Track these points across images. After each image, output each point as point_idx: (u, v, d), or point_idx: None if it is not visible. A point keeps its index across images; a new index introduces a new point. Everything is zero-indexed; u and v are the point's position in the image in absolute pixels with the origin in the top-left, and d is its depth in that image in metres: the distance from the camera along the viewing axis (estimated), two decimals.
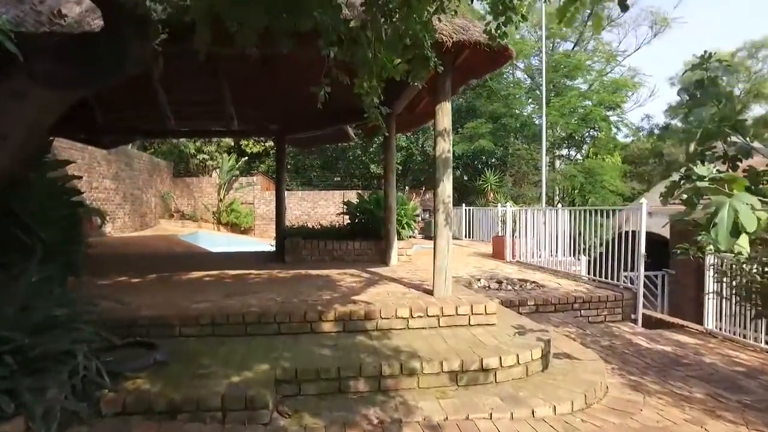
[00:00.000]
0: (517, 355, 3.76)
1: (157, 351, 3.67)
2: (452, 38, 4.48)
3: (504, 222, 11.79)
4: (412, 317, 4.44)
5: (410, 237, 8.78)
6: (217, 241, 16.69)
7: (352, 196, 21.07)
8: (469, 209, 16.20)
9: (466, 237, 16.32)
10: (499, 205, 14.44)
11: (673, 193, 4.40)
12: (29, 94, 2.71)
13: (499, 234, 12.41)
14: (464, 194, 21.05)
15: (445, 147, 4.90)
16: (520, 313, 6.24)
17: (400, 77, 3.14)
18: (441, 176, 4.89)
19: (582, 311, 7.10)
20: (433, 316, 4.48)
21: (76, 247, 3.48)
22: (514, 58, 5.74)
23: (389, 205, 7.67)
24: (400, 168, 22.41)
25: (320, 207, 20.88)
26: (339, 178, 24.04)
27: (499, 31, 3.07)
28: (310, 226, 9.43)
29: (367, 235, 8.22)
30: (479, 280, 8.31)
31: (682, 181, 4.46)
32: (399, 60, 3.08)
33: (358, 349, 3.86)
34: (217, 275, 6.45)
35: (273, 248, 9.84)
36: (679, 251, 4.16)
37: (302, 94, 8.74)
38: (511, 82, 23.59)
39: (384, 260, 7.71)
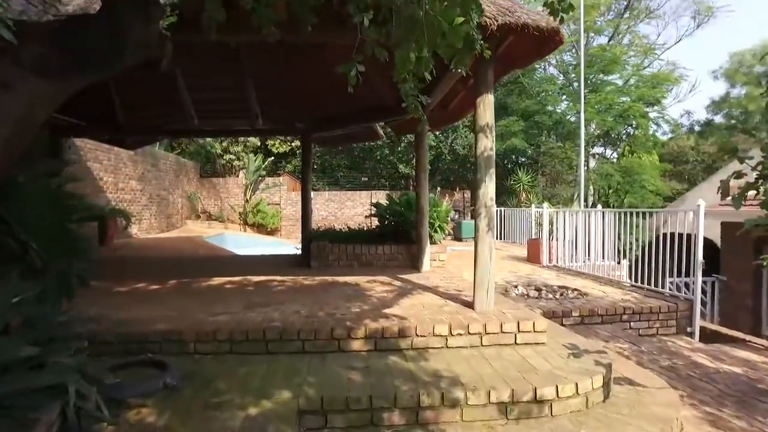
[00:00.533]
0: (576, 384, 3.24)
1: (168, 372, 3.29)
2: (497, 21, 3.98)
3: (540, 224, 11.18)
4: (452, 335, 3.96)
5: (442, 241, 8.29)
6: (242, 242, 16.48)
7: (379, 196, 20.72)
8: (501, 210, 15.57)
9: (498, 239, 15.70)
10: (533, 206, 13.80)
11: (746, 194, 3.81)
12: (16, 84, 2.35)
13: (535, 237, 11.79)
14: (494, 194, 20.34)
15: (487, 144, 4.40)
16: (564, 325, 5.70)
17: (449, 58, 2.65)
18: (483, 177, 4.39)
19: (631, 323, 6.50)
20: (475, 333, 3.99)
21: (79, 259, 3.10)
22: (564, 43, 5.19)
23: (421, 207, 7.20)
24: (429, 168, 21.90)
25: (347, 208, 20.53)
26: (366, 179, 23.64)
27: (562, 3, 2.56)
28: (337, 229, 9.02)
29: (397, 239, 7.77)
30: (516, 286, 7.75)
31: (760, 182, 3.86)
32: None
33: (392, 373, 3.40)
34: (239, 282, 6.09)
35: (298, 251, 9.48)
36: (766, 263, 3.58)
37: (329, 90, 8.33)
38: (544, 78, 22.77)
39: (416, 266, 7.24)
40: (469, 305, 4.61)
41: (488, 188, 4.41)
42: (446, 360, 3.69)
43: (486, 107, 4.43)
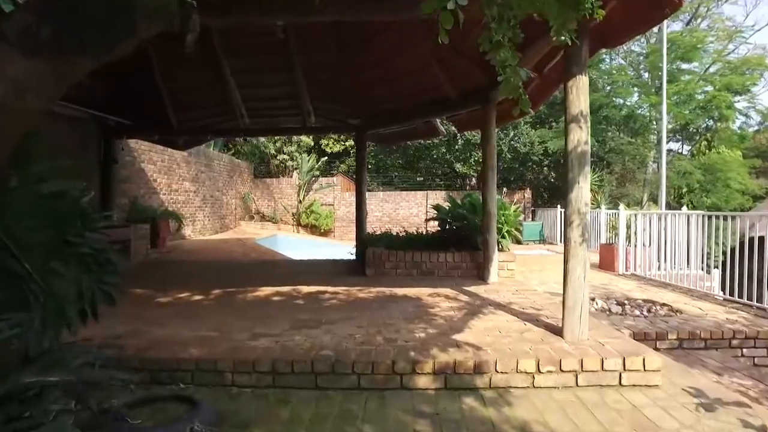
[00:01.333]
0: None
1: (198, 411, 2.73)
2: None
3: (614, 228, 10.09)
4: (540, 372, 3.20)
5: (509, 248, 7.46)
6: (294, 244, 16.16)
7: (435, 197, 20.01)
8: (561, 212, 14.46)
9: (562, 242, 14.56)
10: (602, 207, 12.64)
11: None
12: None
13: (608, 241, 10.68)
14: (554, 195, 19.11)
15: (581, 137, 3.60)
16: (658, 349, 4.76)
17: (554, 19, 1.91)
18: (576, 177, 3.59)
19: (743, 350, 5.45)
20: (569, 371, 3.21)
21: (99, 275, 2.59)
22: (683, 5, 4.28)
23: (489, 210, 6.43)
24: None
25: (402, 208, 19.87)
26: (421, 178, 22.90)
27: None
28: (394, 232, 8.37)
29: (460, 245, 7.03)
30: (593, 299, 6.81)
31: None
32: None
33: (469, 425, 2.69)
34: (287, 293, 5.55)
35: (352, 256, 8.91)
36: None
37: (385, 83, 7.70)
38: (613, 69, 21.19)
39: (482, 276, 6.48)
40: (556, 331, 3.82)
41: (582, 191, 3.60)
42: (535, 406, 2.94)
43: (579, 92, 3.63)
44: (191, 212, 13.17)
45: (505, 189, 19.33)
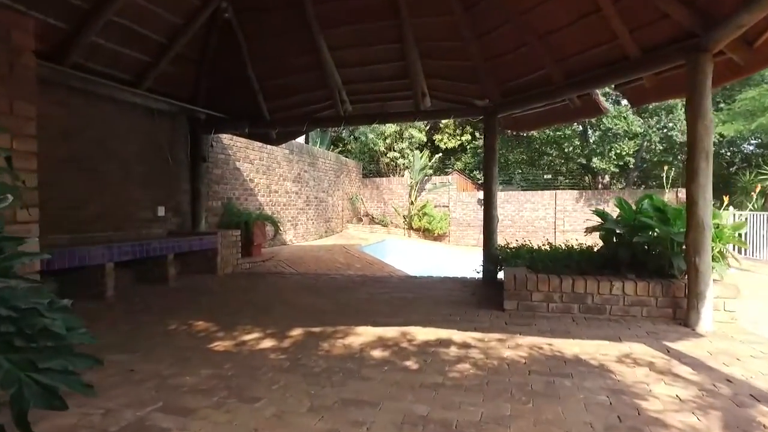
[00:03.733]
0: None
1: None
2: None
3: None
4: None
5: (725, 275, 5.01)
6: (405, 251, 14.55)
7: (566, 197, 17.22)
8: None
9: (741, 253, 11.22)
10: None
11: None
12: None
13: None
14: (735, 193, 15.29)
15: None
16: None
17: None
18: None
19: None
20: None
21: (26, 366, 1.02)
22: None
23: (699, 220, 4.18)
24: (628, 161, 17.53)
25: (526, 210, 17.36)
26: (549, 176, 20.12)
27: None
28: (535, 245, 6.30)
29: (640, 270, 4.81)
30: None
31: None
32: None
33: None
34: (392, 341, 3.78)
35: (478, 273, 6.98)
36: None
37: (528, 47, 5.62)
38: None
39: (685, 318, 4.25)
40: None
41: None
42: None
43: None
44: (293, 215, 12.04)
45: (676, 190, 15.78)
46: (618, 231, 5.10)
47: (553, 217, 17.07)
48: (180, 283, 6.61)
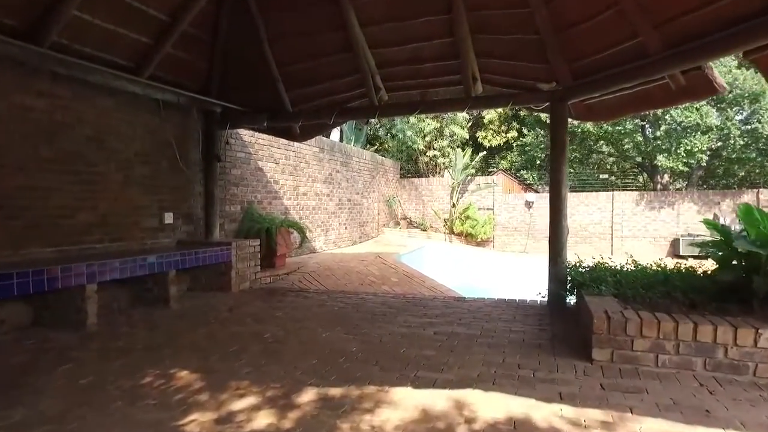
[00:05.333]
0: None
1: None
2: None
3: None
4: None
5: None
6: (446, 259, 13.26)
7: (625, 199, 15.44)
8: None
9: None
10: None
11: None
12: None
13: None
14: None
15: None
16: None
17: None
18: None
19: None
20: None
21: None
22: None
23: None
24: (704, 158, 15.58)
25: (579, 213, 15.71)
26: (607, 176, 18.35)
27: None
28: (624, 267, 4.97)
29: None
30: None
31: None
32: None
33: None
34: (443, 422, 2.57)
35: (542, 296, 5.69)
36: None
37: (611, 9, 4.35)
38: None
39: None
40: None
41: None
42: None
43: None
44: (323, 220, 10.95)
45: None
46: (753, 250, 3.72)
47: (610, 222, 15.40)
48: (183, 305, 5.59)
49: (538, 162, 19.76)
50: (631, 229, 15.25)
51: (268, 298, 6.09)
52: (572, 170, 18.71)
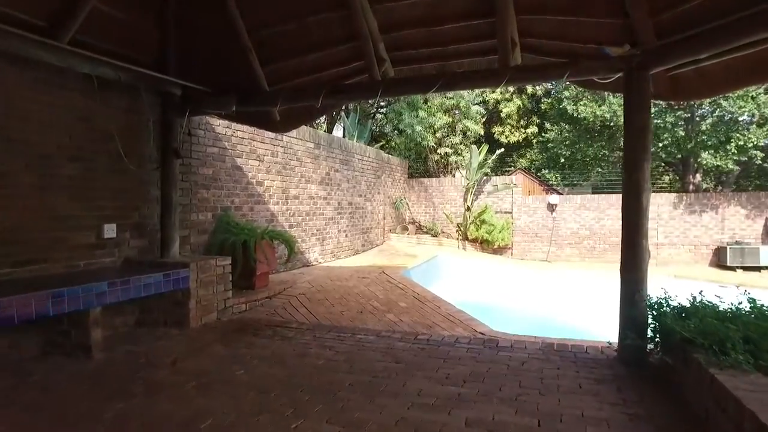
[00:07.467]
0: None
1: None
2: None
3: None
4: None
5: None
6: (464, 274, 11.68)
7: (661, 202, 13.64)
8: None
9: None
10: None
11: None
12: None
13: None
14: None
15: None
16: None
17: None
18: None
19: None
20: None
21: None
22: None
23: None
24: (758, 155, 13.80)
25: (608, 218, 14.05)
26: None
27: None
28: (738, 307, 3.38)
29: None
30: None
31: None
32: None
33: None
34: None
35: (612, 347, 4.14)
36: None
37: None
38: None
39: None
40: None
41: None
42: None
43: None
44: (319, 227, 9.37)
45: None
46: None
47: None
48: (113, 354, 4.08)
49: (562, 160, 18.03)
50: (668, 235, 13.57)
51: (233, 340, 4.55)
52: (600, 168, 17.01)
